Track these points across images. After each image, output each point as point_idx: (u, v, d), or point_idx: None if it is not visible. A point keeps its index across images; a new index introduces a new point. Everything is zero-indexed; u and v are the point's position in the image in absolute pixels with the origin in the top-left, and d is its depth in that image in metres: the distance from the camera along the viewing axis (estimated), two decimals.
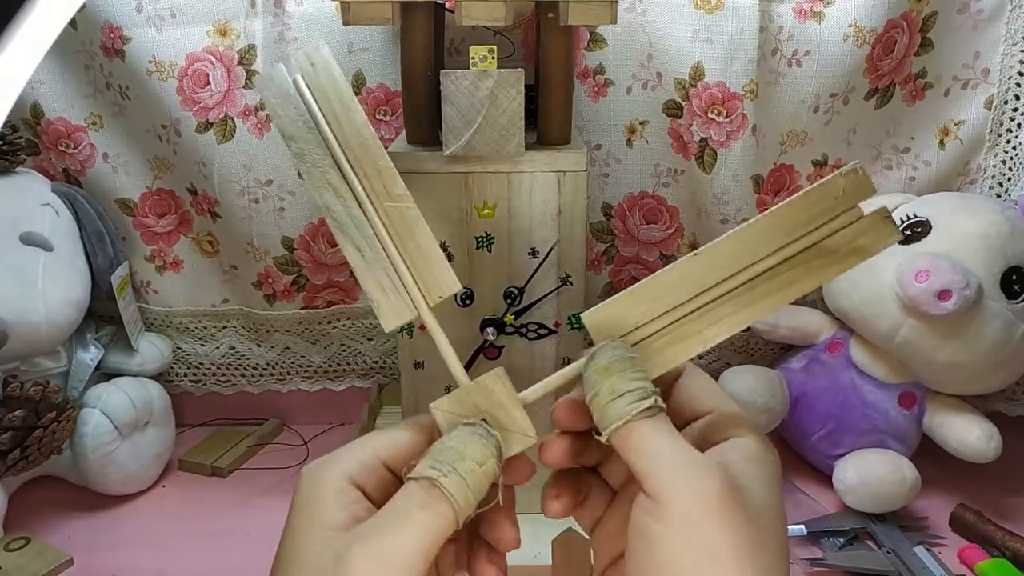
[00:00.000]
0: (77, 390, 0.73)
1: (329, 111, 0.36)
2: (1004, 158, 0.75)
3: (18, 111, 0.76)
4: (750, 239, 0.32)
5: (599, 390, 0.31)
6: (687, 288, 0.33)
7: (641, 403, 0.30)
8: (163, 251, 0.83)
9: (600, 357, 0.32)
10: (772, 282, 0.32)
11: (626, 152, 0.77)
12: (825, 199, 0.32)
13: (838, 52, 0.69)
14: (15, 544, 0.67)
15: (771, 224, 0.32)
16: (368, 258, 0.36)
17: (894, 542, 0.66)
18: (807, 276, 0.32)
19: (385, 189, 0.37)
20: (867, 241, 0.32)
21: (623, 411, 0.30)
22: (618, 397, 0.30)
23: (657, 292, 0.33)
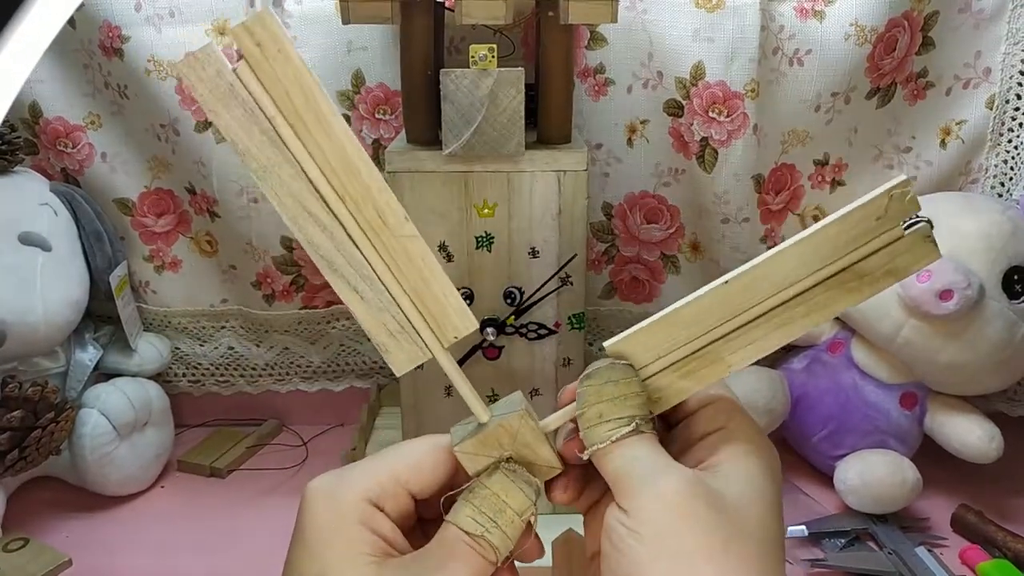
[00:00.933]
0: (75, 390, 0.73)
1: (292, 114, 0.29)
2: (1006, 157, 0.75)
3: (16, 110, 0.76)
4: (785, 264, 0.31)
5: (587, 412, 0.31)
6: (715, 316, 0.31)
7: (623, 429, 0.30)
8: (162, 251, 0.82)
9: (596, 377, 0.32)
10: (803, 306, 0.31)
11: (626, 151, 0.77)
12: (867, 220, 0.30)
13: (839, 51, 0.69)
14: (13, 545, 0.67)
15: (808, 248, 0.30)
16: (369, 300, 0.32)
17: (895, 543, 0.66)
18: (840, 299, 0.31)
19: (381, 217, 0.31)
20: (905, 262, 0.30)
21: (605, 435, 0.30)
22: (604, 422, 0.31)
23: (684, 321, 0.31)
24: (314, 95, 0.29)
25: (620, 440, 0.30)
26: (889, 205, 0.30)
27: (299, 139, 0.29)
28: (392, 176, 0.58)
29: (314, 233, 0.30)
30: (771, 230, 0.78)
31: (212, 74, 0.28)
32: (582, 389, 0.32)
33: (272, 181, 0.29)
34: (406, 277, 0.32)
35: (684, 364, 0.32)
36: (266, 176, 0.29)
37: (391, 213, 0.31)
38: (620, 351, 0.32)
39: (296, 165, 0.29)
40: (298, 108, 0.29)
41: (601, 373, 0.31)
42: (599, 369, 0.32)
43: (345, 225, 0.30)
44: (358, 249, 0.31)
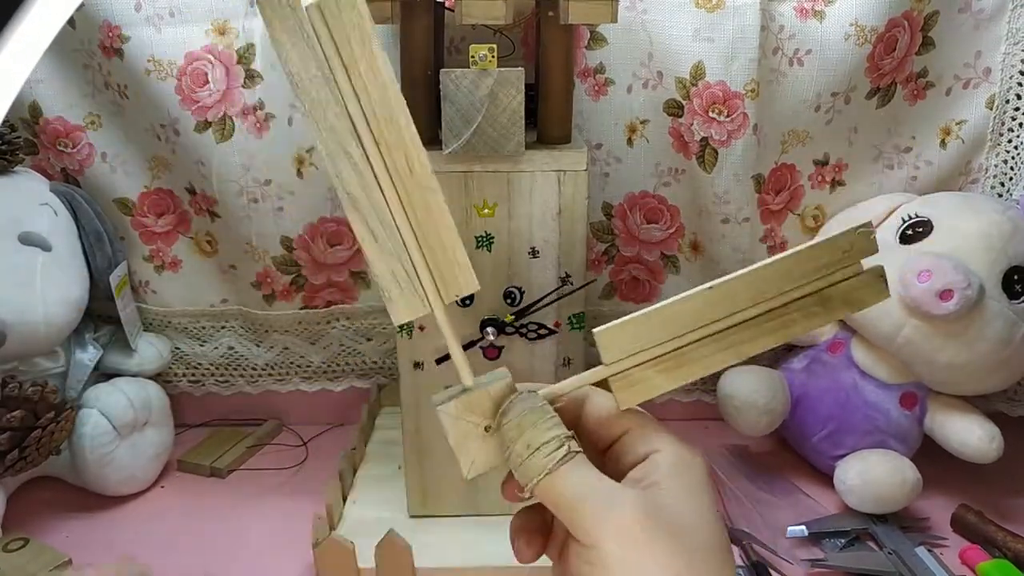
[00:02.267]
0: (75, 390, 0.73)
1: (351, 60, 0.31)
2: (1006, 157, 0.75)
3: (16, 110, 0.76)
4: (762, 279, 0.33)
5: (515, 447, 0.31)
6: (697, 319, 0.33)
7: (556, 453, 0.30)
8: (162, 251, 0.82)
9: (512, 412, 0.32)
10: (772, 322, 0.33)
11: (627, 151, 0.77)
12: (835, 252, 0.33)
13: (839, 51, 0.69)
14: (13, 545, 0.67)
15: (782, 268, 0.33)
16: (383, 243, 0.33)
17: (895, 543, 0.66)
18: (803, 321, 0.33)
19: (409, 166, 0.33)
20: (860, 296, 0.34)
21: (540, 465, 0.30)
22: (535, 451, 0.31)
23: (670, 318, 0.33)
24: (371, 45, 0.31)
25: (557, 468, 0.30)
26: (855, 241, 0.33)
27: (350, 82, 0.31)
28: None
29: (345, 170, 0.32)
30: (771, 230, 0.78)
31: (286, 6, 0.30)
32: (502, 429, 0.32)
33: (318, 115, 0.31)
34: (421, 227, 0.33)
35: (662, 360, 0.33)
36: (314, 110, 0.31)
37: (420, 164, 0.33)
38: (608, 338, 0.33)
39: (343, 105, 0.31)
40: (355, 53, 0.31)
41: (516, 405, 0.32)
42: (513, 403, 0.32)
43: (375, 167, 0.32)
44: (382, 192, 0.32)
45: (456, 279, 0.34)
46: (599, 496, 0.29)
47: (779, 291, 0.33)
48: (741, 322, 0.33)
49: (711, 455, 0.80)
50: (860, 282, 0.34)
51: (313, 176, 0.77)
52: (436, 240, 0.33)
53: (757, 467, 0.78)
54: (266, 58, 0.72)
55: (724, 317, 0.33)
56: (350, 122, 0.32)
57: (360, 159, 0.32)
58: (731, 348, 0.33)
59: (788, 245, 0.79)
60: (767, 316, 0.33)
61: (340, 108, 0.31)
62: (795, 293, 0.33)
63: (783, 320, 0.33)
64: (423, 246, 0.33)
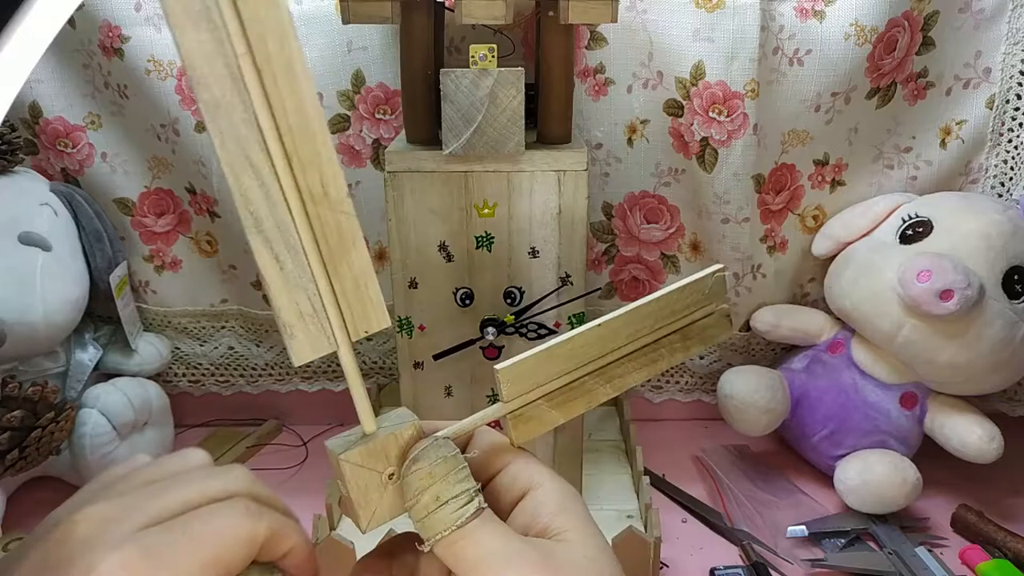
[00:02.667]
0: (75, 390, 0.73)
1: (265, 60, 0.27)
2: (1006, 157, 0.75)
3: (16, 110, 0.76)
4: (640, 317, 0.35)
5: (422, 498, 0.29)
6: (585, 354, 0.34)
7: (466, 509, 0.29)
8: (162, 251, 0.82)
9: (423, 461, 0.30)
10: (644, 357, 0.35)
11: (627, 151, 0.77)
12: (696, 293, 0.36)
13: (839, 51, 0.69)
14: (13, 545, 0.67)
15: (655, 307, 0.35)
16: (288, 272, 0.29)
17: (895, 543, 0.66)
18: (668, 356, 0.36)
19: (323, 187, 0.28)
20: (712, 333, 0.37)
21: (448, 520, 0.29)
22: (443, 505, 0.29)
23: (564, 354, 0.34)
24: (290, 46, 0.27)
25: (465, 524, 0.29)
26: (712, 285, 0.36)
27: (262, 85, 0.27)
28: (392, 176, 0.58)
29: (250, 185, 0.27)
30: (771, 230, 0.78)
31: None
32: (410, 477, 0.30)
33: (220, 119, 0.27)
34: (332, 255, 0.30)
35: (556, 395, 0.34)
36: (215, 112, 0.26)
37: (335, 186, 0.29)
38: (511, 373, 0.33)
39: (251, 110, 0.27)
40: (271, 54, 0.27)
41: (429, 453, 0.30)
42: (425, 450, 0.30)
43: (284, 185, 0.28)
44: (291, 213, 0.28)
45: (367, 315, 0.31)
46: (502, 557, 0.29)
47: (651, 328, 0.35)
48: (620, 357, 0.35)
49: (711, 455, 0.80)
50: (712, 320, 0.37)
51: None
52: (347, 271, 0.30)
53: (757, 467, 0.78)
54: None
55: (607, 353, 0.34)
56: (258, 131, 0.27)
57: (268, 175, 0.28)
58: (611, 382, 0.35)
59: (788, 245, 0.79)
60: (640, 352, 0.35)
61: (248, 114, 0.27)
62: (664, 331, 0.35)
63: (653, 356, 0.35)
64: (332, 275, 0.30)
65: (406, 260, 0.60)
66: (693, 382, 0.87)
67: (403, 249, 0.60)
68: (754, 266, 0.77)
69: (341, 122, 0.75)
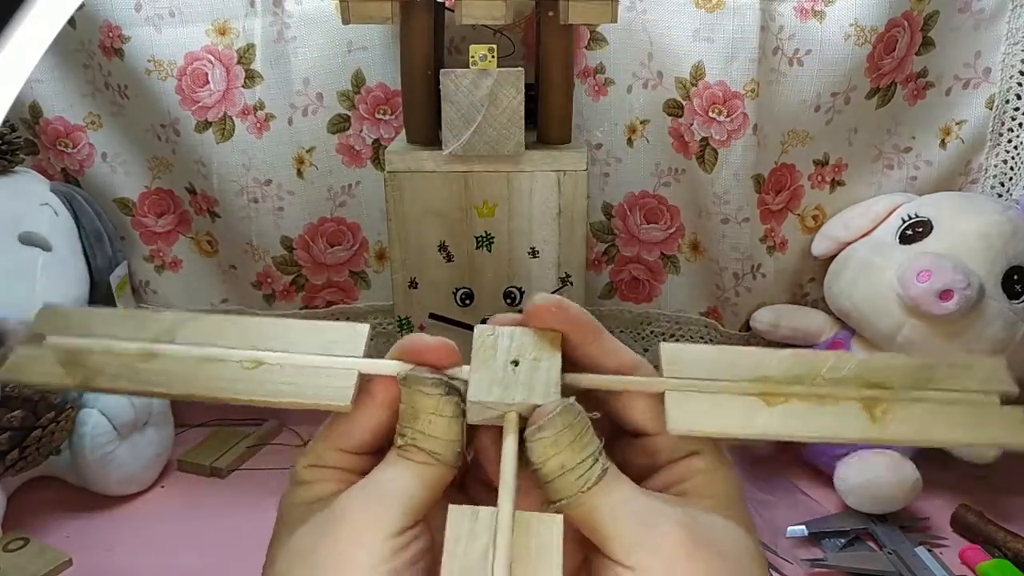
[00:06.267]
0: None
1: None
2: (1005, 157, 0.75)
3: (16, 110, 0.76)
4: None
5: (546, 467, 0.29)
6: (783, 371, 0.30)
7: (590, 474, 0.29)
8: (162, 251, 0.82)
9: (550, 427, 0.29)
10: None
11: (627, 151, 0.77)
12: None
13: (839, 51, 0.69)
14: (14, 545, 0.67)
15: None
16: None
17: (895, 543, 0.66)
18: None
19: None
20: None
21: (574, 486, 0.28)
22: (566, 472, 0.29)
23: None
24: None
25: (592, 487, 0.28)
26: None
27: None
28: (392, 176, 0.58)
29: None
30: (771, 230, 0.78)
31: None
32: (533, 443, 0.29)
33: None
34: None
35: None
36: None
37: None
38: (671, 354, 0.31)
39: None
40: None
41: (555, 422, 0.29)
42: (552, 419, 0.29)
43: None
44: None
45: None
46: (638, 515, 0.28)
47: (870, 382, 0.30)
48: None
49: None
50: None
51: (313, 176, 0.77)
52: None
53: (757, 467, 0.78)
54: (266, 58, 0.72)
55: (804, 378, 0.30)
56: None
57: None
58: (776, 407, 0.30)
59: (788, 245, 0.79)
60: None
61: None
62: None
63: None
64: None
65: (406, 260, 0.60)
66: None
67: (403, 249, 0.60)
68: (754, 266, 0.77)
69: (341, 122, 0.75)
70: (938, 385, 0.29)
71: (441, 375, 0.31)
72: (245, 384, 0.31)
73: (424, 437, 0.30)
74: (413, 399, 0.30)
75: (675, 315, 0.84)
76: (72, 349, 0.31)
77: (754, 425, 0.29)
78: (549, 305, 0.31)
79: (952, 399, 0.29)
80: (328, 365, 0.31)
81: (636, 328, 0.85)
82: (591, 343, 0.31)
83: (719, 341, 0.83)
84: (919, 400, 0.29)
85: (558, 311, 0.31)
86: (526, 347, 0.31)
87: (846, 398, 0.29)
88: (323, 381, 0.31)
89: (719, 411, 0.30)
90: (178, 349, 0.31)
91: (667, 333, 0.85)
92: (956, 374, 0.29)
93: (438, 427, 0.30)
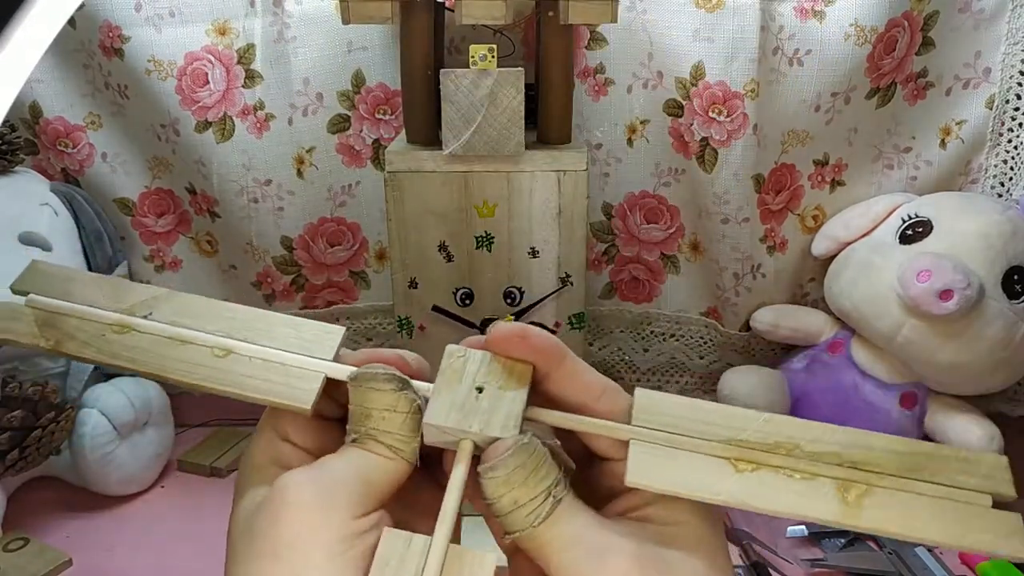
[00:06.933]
0: (76, 390, 0.73)
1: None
2: (1005, 158, 0.75)
3: (17, 110, 0.76)
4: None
5: (499, 504, 0.28)
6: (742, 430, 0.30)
7: (541, 509, 0.28)
8: (162, 251, 0.82)
9: (500, 468, 0.28)
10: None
11: (626, 151, 0.77)
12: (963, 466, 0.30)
13: (839, 51, 0.69)
14: (14, 545, 0.67)
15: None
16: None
17: (895, 543, 0.66)
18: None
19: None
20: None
21: (525, 520, 0.28)
22: (518, 508, 0.28)
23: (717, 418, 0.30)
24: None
25: (545, 519, 0.28)
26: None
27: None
28: (392, 176, 0.58)
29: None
30: (771, 230, 0.78)
31: None
32: (486, 482, 0.28)
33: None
34: None
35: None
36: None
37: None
38: (645, 401, 0.30)
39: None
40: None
41: (507, 462, 0.28)
42: (504, 459, 0.28)
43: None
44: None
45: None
46: (588, 547, 0.27)
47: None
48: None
49: None
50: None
51: (313, 176, 0.77)
52: None
53: None
54: (266, 58, 0.72)
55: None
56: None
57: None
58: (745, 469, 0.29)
59: (788, 245, 0.79)
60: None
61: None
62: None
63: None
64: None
65: (406, 260, 0.60)
66: (693, 382, 0.87)
67: (403, 249, 0.60)
68: (754, 266, 0.77)
69: (341, 122, 0.75)
70: (927, 476, 0.28)
71: (393, 371, 0.30)
72: (211, 372, 0.31)
73: (380, 433, 0.29)
74: (364, 398, 0.29)
75: (675, 315, 0.84)
76: (51, 310, 0.31)
77: (717, 490, 0.28)
78: (510, 334, 0.30)
79: (940, 493, 0.27)
80: (297, 364, 0.31)
81: (636, 328, 0.85)
82: (556, 368, 0.30)
83: (719, 341, 0.83)
84: (902, 489, 0.27)
85: (519, 340, 0.30)
86: (494, 375, 0.30)
87: (820, 475, 0.28)
88: (289, 380, 0.30)
89: (683, 470, 0.28)
90: (152, 325, 0.31)
91: (667, 333, 0.85)
92: (950, 466, 0.28)
93: (393, 423, 0.29)
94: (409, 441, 0.29)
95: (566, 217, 0.59)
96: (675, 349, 0.86)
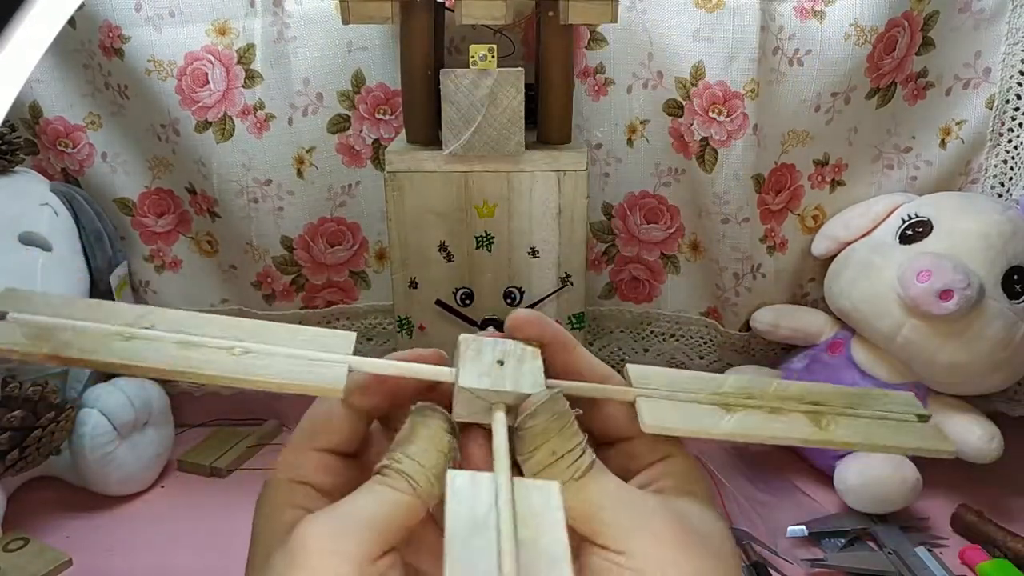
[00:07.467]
0: (76, 390, 0.73)
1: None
2: (1005, 158, 0.75)
3: (17, 110, 0.76)
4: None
5: (538, 455, 0.30)
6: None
7: (581, 461, 0.30)
8: (162, 251, 0.82)
9: (542, 413, 0.30)
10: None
11: (626, 151, 0.77)
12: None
13: (839, 51, 0.69)
14: (14, 545, 0.67)
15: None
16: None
17: (895, 543, 0.66)
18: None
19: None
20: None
21: (565, 473, 0.30)
22: (558, 460, 0.30)
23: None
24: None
25: (583, 475, 0.30)
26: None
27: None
28: (392, 176, 0.58)
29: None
30: (771, 230, 0.78)
31: None
32: (524, 432, 0.30)
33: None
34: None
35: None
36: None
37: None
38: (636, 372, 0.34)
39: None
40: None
41: (546, 407, 0.30)
42: (543, 404, 0.30)
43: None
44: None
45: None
46: (629, 502, 0.30)
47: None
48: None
49: (711, 455, 0.80)
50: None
51: (313, 176, 0.77)
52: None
53: (757, 467, 0.78)
54: (266, 58, 0.72)
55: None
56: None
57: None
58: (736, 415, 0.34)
59: (788, 245, 0.79)
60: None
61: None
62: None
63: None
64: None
65: (406, 260, 0.60)
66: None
67: (403, 249, 0.60)
68: (754, 266, 0.77)
69: (341, 122, 0.75)
70: (868, 407, 0.35)
71: (448, 415, 0.31)
72: (234, 366, 0.30)
73: (409, 461, 0.30)
74: (416, 426, 0.31)
75: (675, 315, 0.84)
76: (39, 325, 0.30)
77: (719, 427, 0.33)
78: (530, 317, 0.34)
79: (880, 416, 0.35)
80: (318, 357, 0.31)
81: (636, 328, 0.85)
82: (567, 355, 0.34)
83: (719, 341, 0.83)
84: (855, 416, 0.34)
85: (538, 323, 0.33)
86: (509, 351, 0.32)
87: (793, 410, 0.34)
88: (314, 369, 0.31)
89: (686, 414, 0.33)
90: (159, 334, 0.31)
91: (667, 333, 0.85)
92: (879, 401, 0.35)
93: (429, 457, 0.30)
94: (434, 483, 0.30)
95: (566, 217, 0.59)
96: (675, 349, 0.86)
